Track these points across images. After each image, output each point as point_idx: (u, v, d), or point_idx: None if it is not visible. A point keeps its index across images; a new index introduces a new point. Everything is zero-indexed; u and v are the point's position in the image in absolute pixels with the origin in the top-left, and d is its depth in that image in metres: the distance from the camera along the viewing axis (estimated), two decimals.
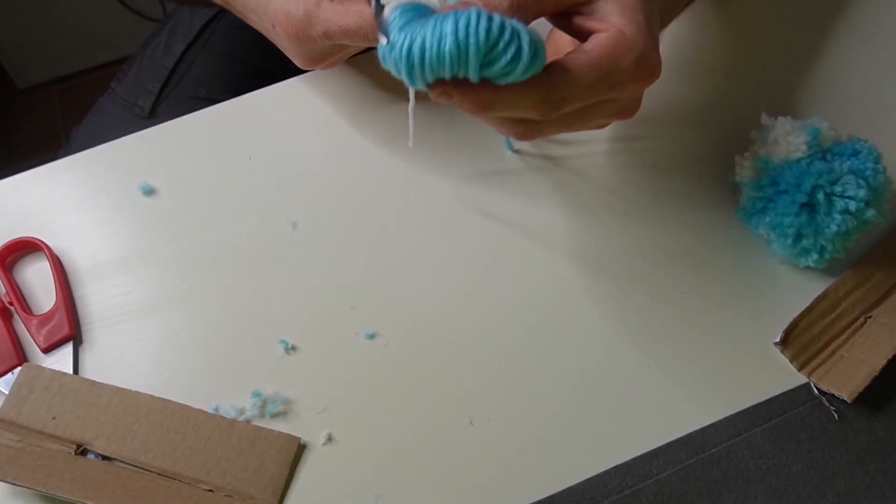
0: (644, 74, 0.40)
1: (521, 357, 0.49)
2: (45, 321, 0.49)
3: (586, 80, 0.37)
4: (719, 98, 0.58)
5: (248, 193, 0.54)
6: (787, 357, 0.49)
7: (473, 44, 0.33)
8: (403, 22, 0.34)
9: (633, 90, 0.41)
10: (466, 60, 0.34)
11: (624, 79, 0.39)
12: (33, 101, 1.66)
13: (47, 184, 0.55)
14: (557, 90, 0.37)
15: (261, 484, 0.45)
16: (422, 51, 0.34)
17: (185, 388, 0.48)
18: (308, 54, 0.48)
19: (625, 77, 0.39)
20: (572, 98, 0.38)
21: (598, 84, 0.38)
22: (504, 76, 0.34)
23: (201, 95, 0.77)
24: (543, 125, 0.40)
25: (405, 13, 0.35)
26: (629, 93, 0.41)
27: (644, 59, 0.39)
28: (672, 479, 0.45)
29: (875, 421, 0.47)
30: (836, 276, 0.51)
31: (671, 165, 0.55)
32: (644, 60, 0.39)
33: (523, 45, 0.34)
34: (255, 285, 0.51)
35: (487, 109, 0.37)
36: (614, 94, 0.40)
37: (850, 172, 0.48)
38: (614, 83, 0.39)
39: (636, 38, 0.38)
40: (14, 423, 0.46)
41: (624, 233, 0.53)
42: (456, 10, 0.34)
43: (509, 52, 0.34)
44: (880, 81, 0.59)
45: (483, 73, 0.34)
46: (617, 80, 0.39)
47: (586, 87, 0.38)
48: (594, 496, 0.45)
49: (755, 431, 0.47)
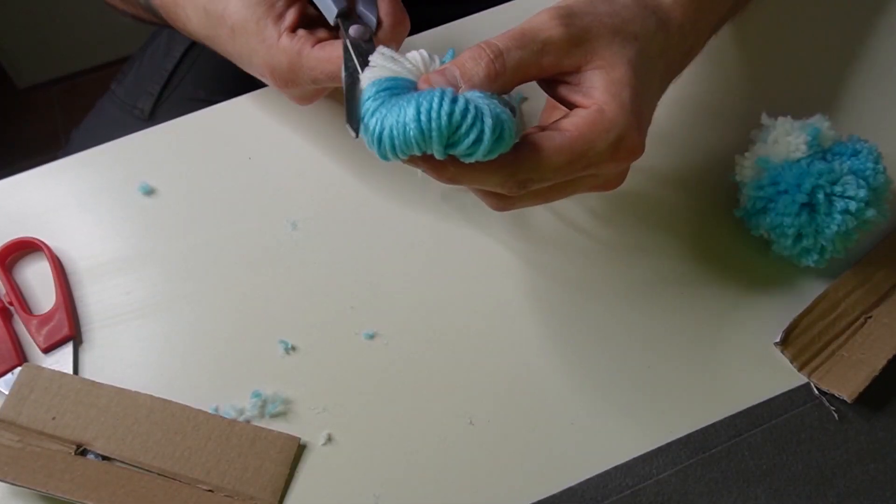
0: (623, 155, 0.38)
1: (521, 357, 0.49)
2: (45, 321, 0.49)
3: (556, 161, 0.37)
4: (719, 98, 0.58)
5: (248, 193, 0.54)
6: (788, 357, 0.49)
7: (436, 129, 0.34)
8: (375, 107, 0.35)
9: (612, 168, 0.39)
10: (430, 144, 0.34)
11: (600, 160, 0.38)
12: (33, 101, 1.66)
13: (47, 184, 0.55)
14: (523, 171, 0.37)
15: (261, 484, 0.45)
16: (390, 138, 0.35)
17: (185, 388, 0.48)
18: (300, 94, 0.49)
19: (601, 158, 0.38)
20: (540, 178, 0.37)
21: (570, 165, 0.37)
22: (468, 156, 0.35)
23: (201, 97, 0.77)
24: (516, 200, 0.40)
25: (378, 96, 0.36)
26: (608, 170, 0.40)
27: (623, 139, 0.38)
28: (672, 480, 0.45)
29: (875, 421, 0.47)
30: (836, 276, 0.51)
31: (671, 165, 0.55)
32: (623, 141, 0.38)
33: (485, 128, 0.34)
34: (255, 285, 0.51)
35: (455, 182, 0.37)
36: (590, 171, 0.39)
37: (850, 172, 0.48)
38: (589, 164, 0.38)
39: (616, 118, 0.37)
40: (14, 424, 0.46)
41: (624, 233, 0.53)
42: (421, 92, 0.35)
43: (472, 135, 0.34)
44: (880, 81, 0.59)
45: (449, 152, 0.35)
46: (592, 161, 0.38)
47: (555, 169, 0.37)
48: (594, 496, 0.45)
49: (755, 432, 0.47)
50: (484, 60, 0.36)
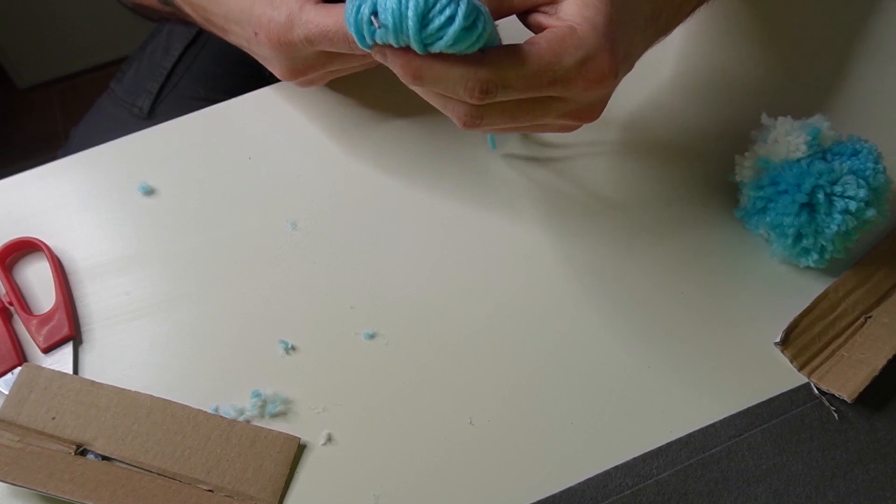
0: (592, 76, 0.38)
1: (521, 357, 0.49)
2: (44, 321, 0.49)
3: (522, 70, 0.37)
4: (719, 98, 0.58)
5: (248, 193, 0.54)
6: (788, 357, 0.49)
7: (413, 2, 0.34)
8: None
9: (580, 91, 0.39)
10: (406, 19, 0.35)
11: (567, 76, 0.38)
12: (33, 101, 1.66)
13: (47, 184, 0.55)
14: (486, 71, 0.37)
15: (261, 484, 0.45)
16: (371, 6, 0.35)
17: (185, 388, 0.48)
18: (290, 63, 0.48)
19: (568, 75, 0.38)
20: (504, 84, 0.37)
21: (535, 76, 0.37)
22: (438, 39, 0.35)
23: (200, 96, 0.77)
24: (484, 112, 0.40)
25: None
26: (577, 94, 0.39)
27: (592, 59, 0.37)
28: (672, 480, 0.45)
29: (875, 421, 0.47)
30: (836, 276, 0.51)
31: (671, 165, 0.55)
32: (593, 61, 0.38)
33: (459, 12, 0.35)
34: (255, 285, 0.51)
35: (418, 78, 0.37)
36: (558, 91, 0.38)
37: (850, 172, 0.48)
38: (555, 79, 0.38)
39: (586, 37, 0.37)
40: (14, 424, 0.46)
41: (624, 233, 0.53)
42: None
43: (446, 12, 0.35)
44: (880, 81, 0.59)
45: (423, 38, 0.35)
46: (558, 77, 0.37)
47: (521, 77, 0.37)
48: (594, 496, 0.45)
49: (755, 431, 0.47)
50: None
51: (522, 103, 0.39)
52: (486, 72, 0.37)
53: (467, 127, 0.41)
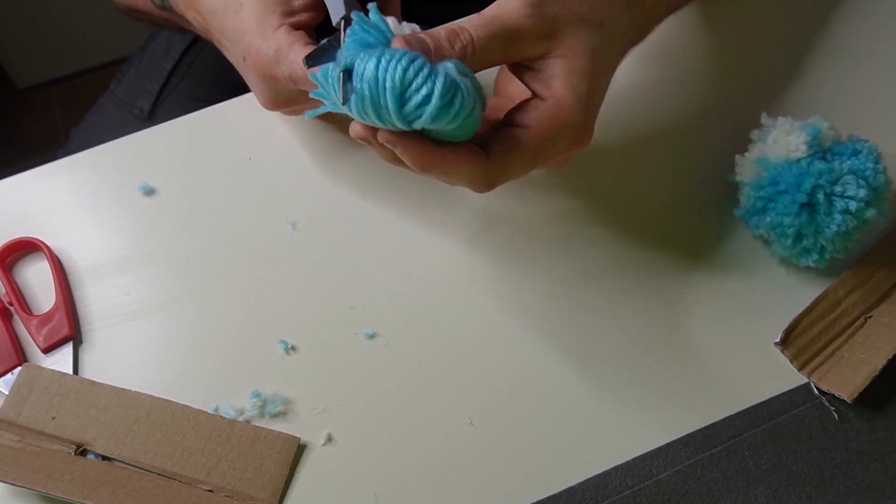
0: (575, 146, 0.41)
1: (521, 357, 0.49)
2: (44, 321, 0.49)
3: (522, 161, 0.39)
4: (719, 98, 0.58)
5: (248, 193, 0.54)
6: (788, 357, 0.49)
7: (390, 78, 0.35)
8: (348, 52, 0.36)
9: (564, 155, 0.42)
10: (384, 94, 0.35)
11: (557, 152, 0.40)
12: (33, 101, 1.66)
13: (47, 184, 0.55)
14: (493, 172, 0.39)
15: (261, 484, 0.45)
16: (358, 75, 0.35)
17: (185, 388, 0.48)
18: (272, 95, 0.48)
19: (558, 150, 0.40)
20: (507, 179, 0.40)
21: (532, 162, 0.39)
22: (418, 118, 0.35)
23: (200, 97, 0.77)
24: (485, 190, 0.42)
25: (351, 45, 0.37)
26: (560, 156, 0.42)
27: (578, 132, 0.40)
28: (672, 480, 0.45)
29: (875, 421, 0.47)
30: (836, 276, 0.51)
31: (671, 165, 0.55)
32: (578, 133, 0.40)
33: (435, 90, 0.35)
34: (255, 285, 0.51)
35: (426, 169, 0.38)
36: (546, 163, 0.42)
37: (850, 172, 0.48)
38: (548, 158, 0.40)
39: (574, 111, 0.39)
40: (14, 424, 0.46)
41: (624, 233, 0.53)
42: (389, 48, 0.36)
43: (423, 91, 0.35)
44: (880, 81, 0.59)
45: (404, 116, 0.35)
46: (551, 155, 0.40)
47: (521, 167, 0.39)
48: (594, 496, 0.45)
49: (755, 431, 0.47)
50: (458, 44, 0.37)
51: None
52: (492, 173, 0.39)
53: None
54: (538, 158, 0.39)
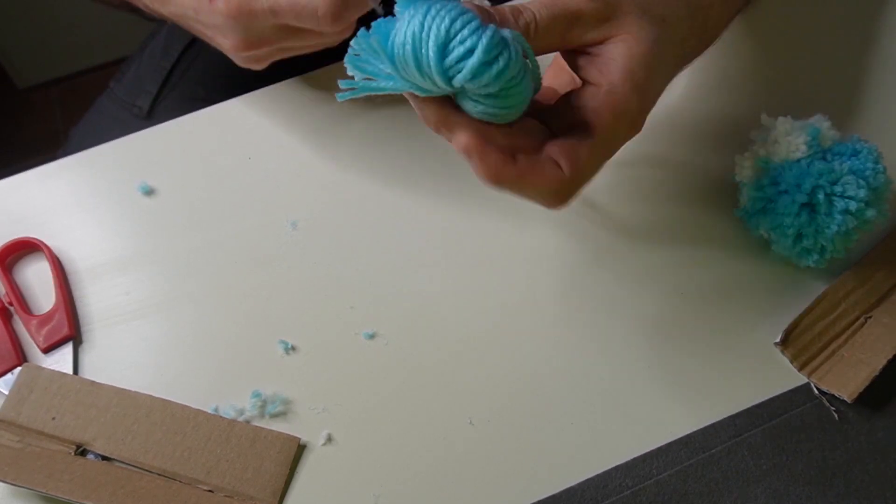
0: (630, 133, 0.40)
1: (521, 357, 0.49)
2: (44, 321, 0.49)
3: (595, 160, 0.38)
4: (719, 98, 0.58)
5: (248, 193, 0.54)
6: (788, 357, 0.49)
7: (435, 27, 0.33)
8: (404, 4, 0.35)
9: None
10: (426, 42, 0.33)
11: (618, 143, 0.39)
12: (33, 101, 1.66)
13: (47, 184, 0.55)
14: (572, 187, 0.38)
15: (261, 484, 0.45)
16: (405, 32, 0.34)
17: (185, 388, 0.48)
18: (244, 35, 0.46)
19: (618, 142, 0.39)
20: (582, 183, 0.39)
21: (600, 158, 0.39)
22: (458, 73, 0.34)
23: (200, 96, 0.77)
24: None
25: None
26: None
27: (634, 120, 0.39)
28: (672, 480, 0.45)
29: (875, 421, 0.47)
30: (836, 276, 0.51)
31: (671, 165, 0.55)
32: (634, 122, 0.39)
33: (479, 45, 0.33)
34: (255, 285, 0.51)
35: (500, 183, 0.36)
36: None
37: (850, 172, 0.48)
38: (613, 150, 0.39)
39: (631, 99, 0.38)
40: (14, 424, 0.46)
41: (623, 233, 0.53)
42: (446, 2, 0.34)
43: (465, 46, 0.33)
44: (880, 81, 0.59)
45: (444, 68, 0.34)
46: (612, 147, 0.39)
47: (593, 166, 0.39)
48: (594, 496, 0.45)
49: (755, 431, 0.47)
50: (521, 21, 0.37)
51: None
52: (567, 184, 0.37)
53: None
54: (604, 154, 0.38)
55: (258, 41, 0.46)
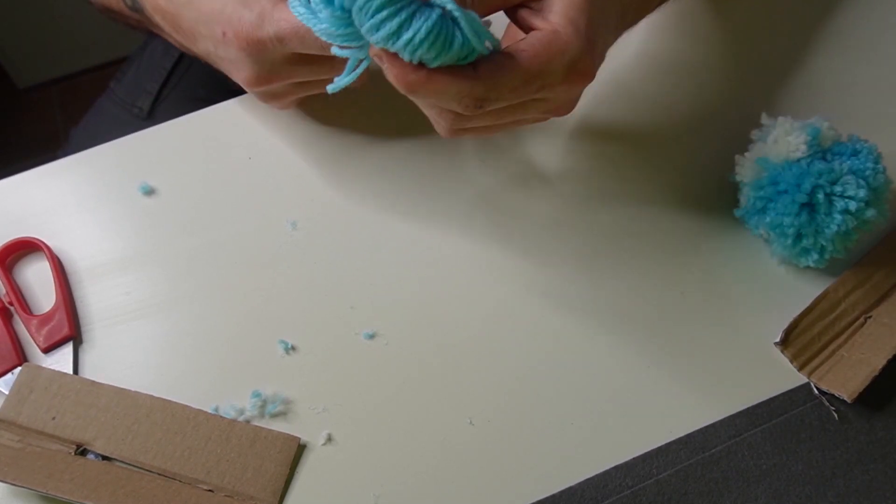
0: (576, 78, 0.39)
1: (521, 357, 0.49)
2: (45, 321, 0.49)
3: (513, 81, 0.37)
4: (719, 98, 0.58)
5: (248, 193, 0.54)
6: (787, 357, 0.49)
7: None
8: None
9: (563, 92, 0.40)
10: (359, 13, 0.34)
11: (553, 81, 0.39)
12: (33, 101, 1.66)
13: (47, 184, 0.55)
14: (480, 87, 0.37)
15: (261, 484, 0.45)
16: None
17: (185, 388, 0.48)
18: (257, 67, 0.46)
19: (554, 80, 0.39)
20: (497, 98, 0.38)
21: (525, 85, 0.38)
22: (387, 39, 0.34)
23: (200, 96, 0.77)
24: (469, 120, 0.40)
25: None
26: (560, 94, 0.40)
27: (577, 62, 0.39)
28: (672, 480, 0.45)
29: (875, 421, 0.47)
30: (836, 276, 0.51)
31: (671, 165, 0.55)
32: (576, 64, 0.39)
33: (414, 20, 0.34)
34: (255, 285, 0.51)
35: (413, 90, 0.37)
36: (544, 94, 0.39)
37: (850, 172, 0.48)
38: (543, 85, 0.39)
39: (571, 41, 0.38)
40: (14, 424, 0.46)
41: (623, 233, 0.53)
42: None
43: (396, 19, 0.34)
44: (880, 81, 0.59)
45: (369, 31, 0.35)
46: (546, 83, 0.39)
47: (512, 88, 0.38)
48: (594, 496, 0.45)
49: (755, 431, 0.47)
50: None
51: (507, 108, 0.40)
52: (482, 88, 0.37)
53: (452, 135, 0.42)
54: (531, 82, 0.38)
55: (270, 74, 0.47)
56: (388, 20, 0.34)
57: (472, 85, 0.37)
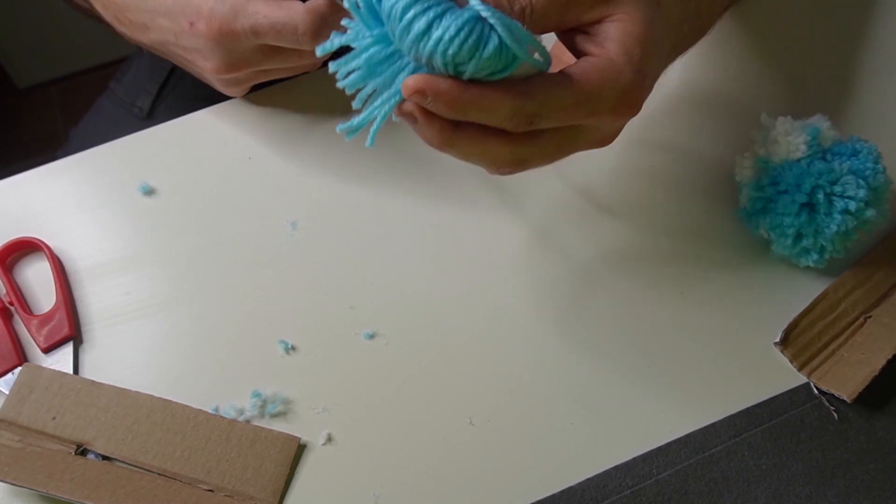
0: (624, 109, 0.39)
1: (521, 357, 0.49)
2: (45, 321, 0.49)
3: (565, 100, 0.37)
4: (719, 98, 0.58)
5: (248, 193, 0.54)
6: (787, 357, 0.49)
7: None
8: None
9: (609, 122, 0.40)
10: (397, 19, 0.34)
11: (603, 108, 0.38)
12: (33, 101, 1.66)
13: (47, 184, 0.55)
14: (532, 103, 0.37)
15: (261, 484, 0.45)
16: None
17: (185, 388, 0.48)
18: (225, 56, 0.47)
19: (604, 107, 0.38)
20: (547, 116, 0.37)
21: (575, 108, 0.37)
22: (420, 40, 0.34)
23: (200, 96, 0.76)
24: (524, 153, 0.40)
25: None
26: (606, 124, 0.40)
27: (627, 94, 0.38)
28: (672, 480, 0.45)
29: (875, 421, 0.47)
30: (836, 276, 0.51)
31: (671, 165, 0.55)
32: (626, 95, 0.38)
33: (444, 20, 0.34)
34: (255, 285, 0.51)
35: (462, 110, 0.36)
36: (591, 122, 0.39)
37: (850, 172, 0.48)
38: (592, 111, 0.38)
39: (625, 71, 0.38)
40: (14, 424, 0.46)
41: (624, 233, 0.53)
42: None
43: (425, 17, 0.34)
44: (880, 81, 0.59)
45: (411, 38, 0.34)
46: (595, 109, 0.38)
47: (563, 108, 0.37)
48: (594, 496, 0.45)
49: (755, 431, 0.47)
50: (517, 6, 0.36)
51: (554, 137, 0.39)
52: (534, 104, 0.36)
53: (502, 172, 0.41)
54: (582, 105, 0.37)
55: (239, 63, 0.47)
56: (416, 20, 0.34)
57: (523, 100, 0.36)
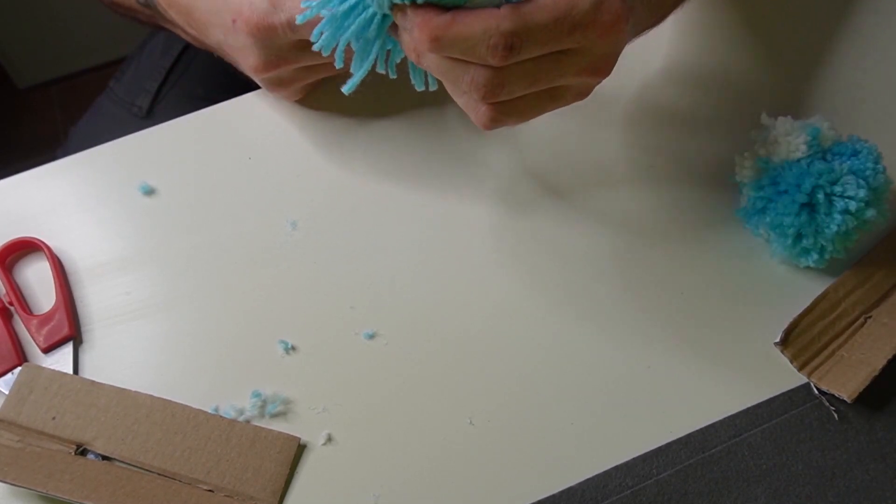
0: (606, 19, 0.38)
1: (521, 357, 0.49)
2: (45, 321, 0.49)
3: (543, 18, 0.36)
4: (719, 98, 0.58)
5: (248, 193, 0.54)
6: (787, 357, 0.49)
7: None
8: None
9: (597, 39, 0.39)
10: None
11: (584, 21, 0.37)
12: (33, 101, 1.66)
13: (47, 184, 0.55)
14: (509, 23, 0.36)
15: (261, 484, 0.45)
16: None
17: (185, 388, 0.48)
18: (265, 52, 0.47)
19: (585, 19, 0.37)
20: (527, 37, 0.37)
21: (556, 24, 0.37)
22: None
23: (200, 95, 0.77)
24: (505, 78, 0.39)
25: None
26: (594, 43, 0.39)
27: (605, 2, 0.37)
28: (672, 480, 0.45)
29: (875, 421, 0.47)
30: (836, 276, 0.51)
31: (671, 165, 0.55)
32: (604, 3, 0.37)
33: None
34: (255, 285, 0.51)
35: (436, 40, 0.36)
36: (576, 39, 0.38)
37: (850, 172, 0.48)
38: (574, 24, 0.37)
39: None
40: (14, 424, 0.46)
41: (624, 233, 0.53)
42: None
43: None
44: (880, 81, 0.59)
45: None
46: (576, 22, 0.37)
47: (543, 27, 0.37)
48: (594, 496, 0.45)
49: (755, 431, 0.47)
50: None
51: (542, 62, 0.39)
52: (510, 24, 0.36)
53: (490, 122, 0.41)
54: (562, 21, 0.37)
55: (277, 60, 0.48)
56: None
57: (498, 21, 0.36)
